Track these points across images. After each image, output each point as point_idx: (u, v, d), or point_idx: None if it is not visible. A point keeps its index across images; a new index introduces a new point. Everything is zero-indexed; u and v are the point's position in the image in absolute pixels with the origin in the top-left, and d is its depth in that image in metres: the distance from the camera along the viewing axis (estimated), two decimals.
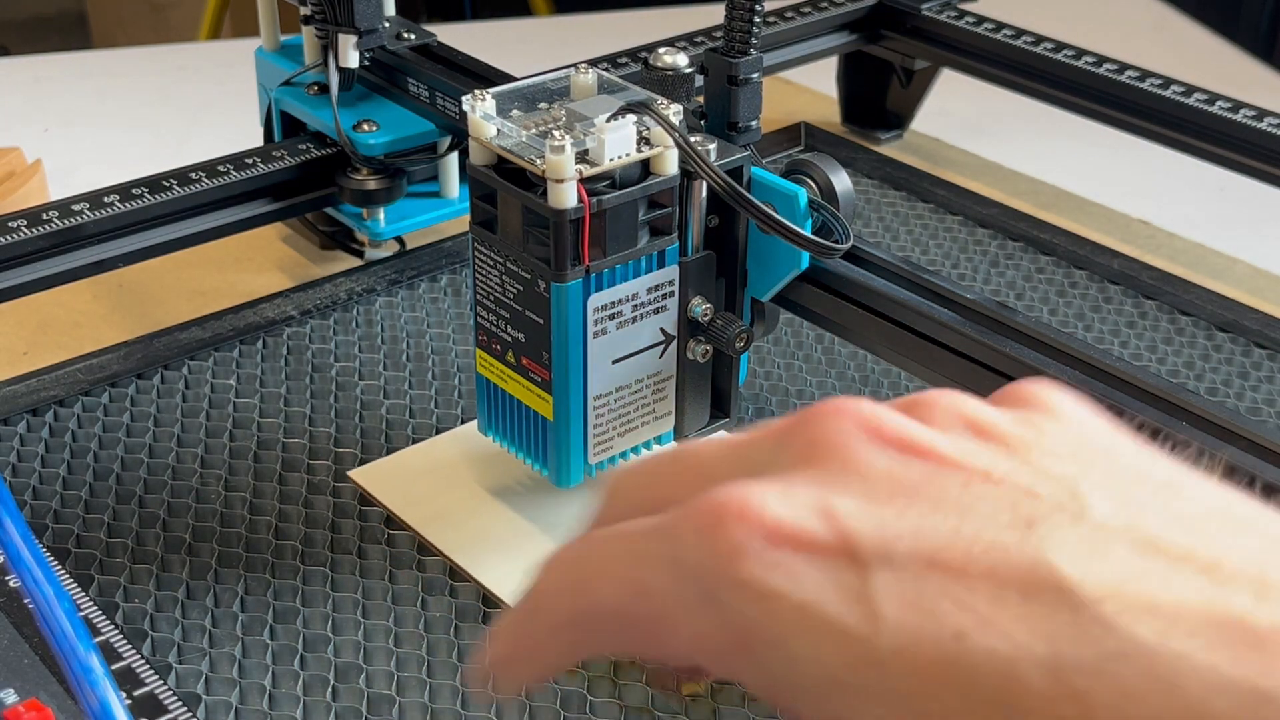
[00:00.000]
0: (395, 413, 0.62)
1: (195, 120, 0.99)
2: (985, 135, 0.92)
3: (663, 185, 0.50)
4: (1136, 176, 0.88)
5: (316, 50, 0.72)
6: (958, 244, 0.77)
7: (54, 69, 1.10)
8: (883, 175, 0.83)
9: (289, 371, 0.65)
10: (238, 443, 0.60)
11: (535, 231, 0.49)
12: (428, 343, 0.67)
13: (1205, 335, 0.69)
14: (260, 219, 0.69)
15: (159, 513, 0.56)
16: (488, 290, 0.52)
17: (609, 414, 0.52)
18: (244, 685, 0.49)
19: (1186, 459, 0.29)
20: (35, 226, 0.62)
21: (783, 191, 0.52)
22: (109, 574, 0.53)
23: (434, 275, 0.72)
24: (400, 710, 0.48)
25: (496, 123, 0.49)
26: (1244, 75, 1.10)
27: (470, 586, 0.52)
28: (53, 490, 0.57)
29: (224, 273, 0.74)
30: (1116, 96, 0.75)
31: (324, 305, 0.69)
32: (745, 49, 0.53)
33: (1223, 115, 0.71)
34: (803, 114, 0.90)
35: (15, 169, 0.79)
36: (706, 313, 0.53)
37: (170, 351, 0.65)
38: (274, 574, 0.53)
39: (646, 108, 0.49)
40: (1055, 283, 0.73)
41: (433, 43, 0.71)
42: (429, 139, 0.71)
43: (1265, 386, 0.65)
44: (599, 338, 0.50)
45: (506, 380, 0.53)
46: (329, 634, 0.51)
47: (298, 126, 0.73)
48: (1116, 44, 0.83)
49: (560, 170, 0.47)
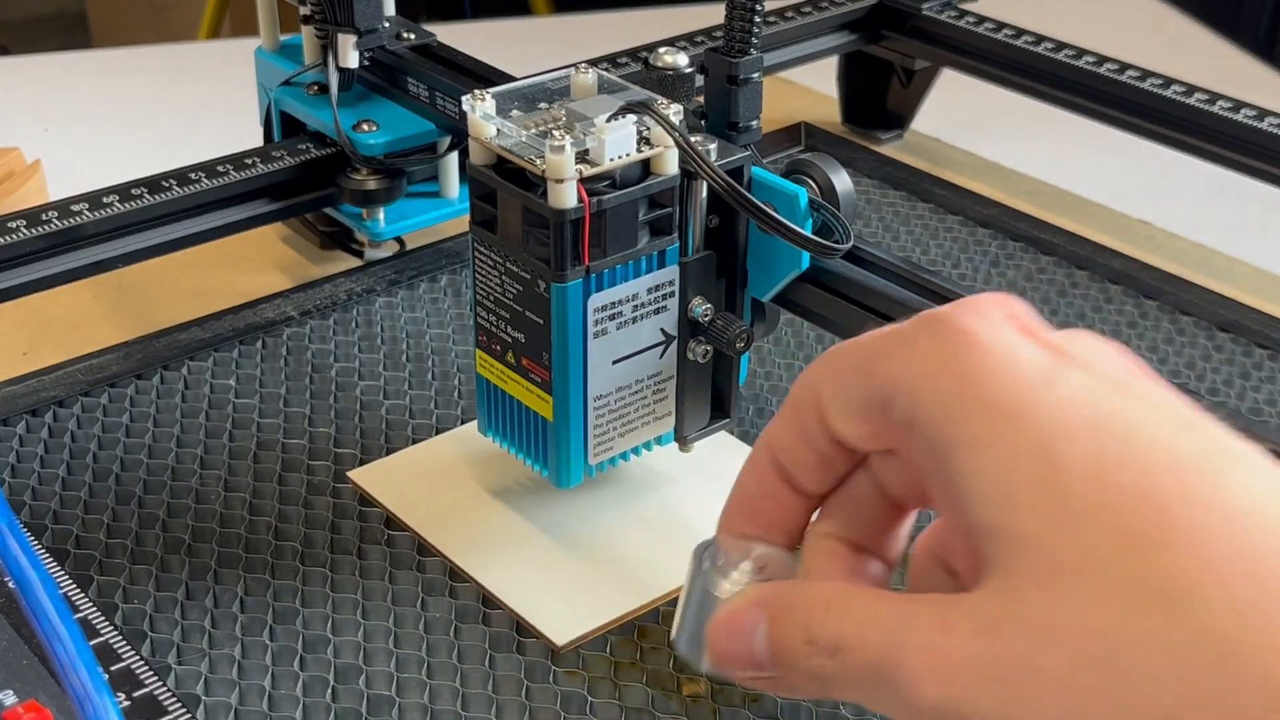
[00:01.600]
0: (395, 413, 0.62)
1: (195, 120, 0.99)
2: (985, 135, 0.92)
3: (663, 185, 0.50)
4: (1137, 176, 0.88)
5: (316, 50, 0.72)
6: (958, 244, 0.77)
7: (54, 69, 1.10)
8: (883, 175, 0.83)
9: (288, 372, 0.64)
10: (237, 443, 0.60)
11: (535, 231, 0.49)
12: (428, 343, 0.66)
13: (1206, 335, 0.69)
14: (260, 219, 0.69)
15: (158, 513, 0.56)
16: (488, 290, 0.52)
17: (609, 414, 0.52)
18: (243, 686, 0.49)
19: None
20: (35, 227, 0.62)
21: (783, 191, 0.52)
22: (108, 575, 0.53)
23: (434, 275, 0.71)
24: (400, 711, 0.48)
25: (496, 123, 0.49)
26: (1245, 75, 1.10)
27: (470, 587, 0.52)
28: (52, 491, 0.57)
29: (224, 273, 0.74)
30: (1117, 96, 0.75)
31: (324, 305, 0.69)
32: (745, 49, 0.53)
33: (1223, 115, 0.71)
34: (803, 114, 0.90)
35: (15, 169, 0.79)
36: (707, 313, 0.53)
37: (170, 352, 0.65)
38: (274, 575, 0.53)
39: (647, 108, 0.49)
40: (1056, 283, 0.73)
41: (432, 42, 0.71)
42: (429, 139, 0.71)
43: (1266, 387, 0.65)
44: (599, 338, 0.50)
45: (506, 381, 0.53)
46: (329, 635, 0.50)
47: (297, 126, 0.73)
48: (1117, 44, 0.83)
49: (560, 170, 0.47)
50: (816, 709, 0.48)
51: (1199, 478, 0.32)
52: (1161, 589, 0.31)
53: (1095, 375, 0.34)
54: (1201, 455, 0.32)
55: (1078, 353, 0.35)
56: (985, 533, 0.34)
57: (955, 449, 0.34)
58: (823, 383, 0.38)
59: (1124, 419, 0.33)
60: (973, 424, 0.34)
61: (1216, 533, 0.31)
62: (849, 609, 0.36)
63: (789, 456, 0.39)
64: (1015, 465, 0.33)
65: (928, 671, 0.33)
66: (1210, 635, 0.30)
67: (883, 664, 0.35)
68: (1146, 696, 0.30)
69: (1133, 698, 0.31)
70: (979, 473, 0.34)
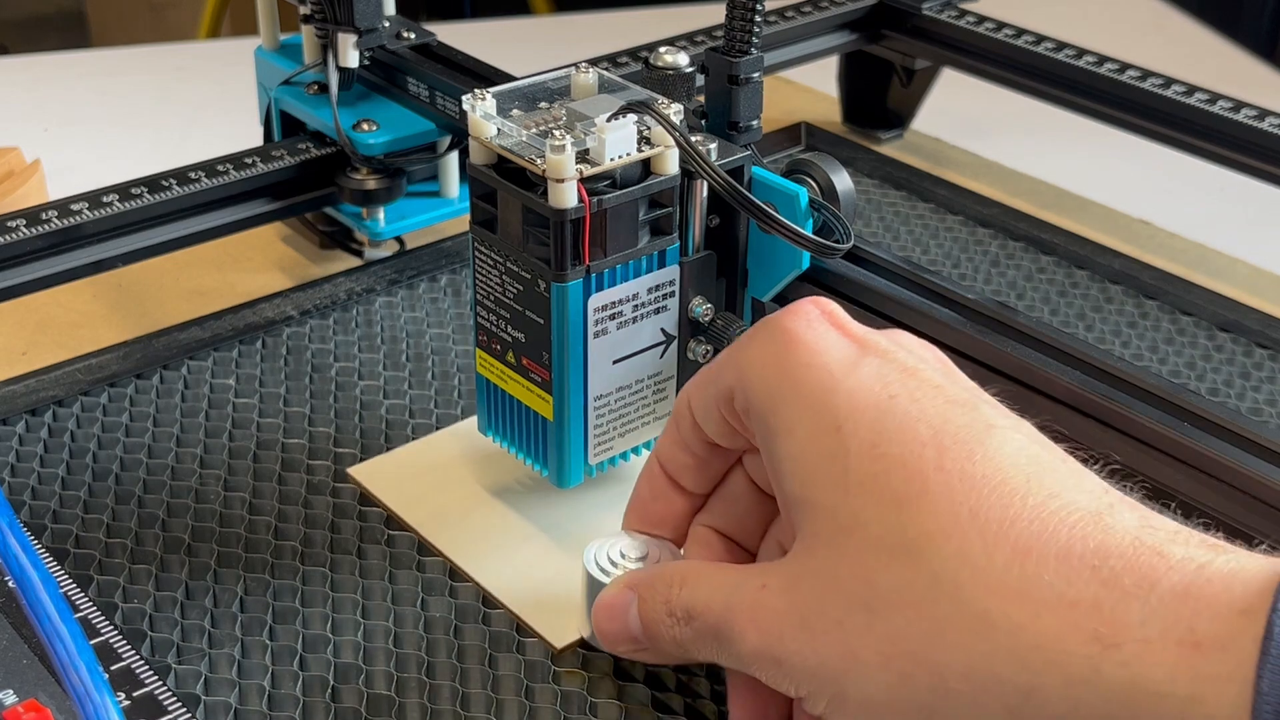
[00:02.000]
0: (395, 413, 0.62)
1: (195, 120, 0.99)
2: (986, 135, 0.92)
3: (663, 185, 0.50)
4: (1137, 176, 0.88)
5: (316, 49, 0.72)
6: (958, 244, 0.77)
7: (53, 68, 1.10)
8: (883, 175, 0.83)
9: (288, 371, 0.64)
10: (237, 443, 0.60)
11: (535, 231, 0.49)
12: (428, 343, 0.66)
13: (1206, 335, 0.69)
14: (259, 219, 0.69)
15: (158, 513, 0.56)
16: (488, 290, 0.52)
17: (609, 414, 0.52)
18: (243, 686, 0.49)
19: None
20: (34, 226, 0.62)
21: (784, 191, 0.52)
22: (108, 574, 0.53)
23: (434, 275, 0.71)
24: (400, 710, 0.48)
25: (497, 122, 0.49)
26: (1245, 75, 1.10)
27: (470, 586, 0.52)
28: (52, 490, 0.57)
29: (223, 272, 0.74)
30: (1117, 96, 0.75)
31: (323, 305, 0.69)
32: (746, 48, 0.53)
33: (1224, 115, 0.71)
34: (803, 114, 0.90)
35: (14, 169, 0.79)
36: (707, 313, 0.53)
37: (169, 351, 0.65)
38: (273, 574, 0.53)
39: (647, 107, 0.49)
40: (1056, 283, 0.73)
41: (432, 42, 0.71)
42: (429, 138, 0.71)
43: (1266, 387, 0.65)
44: (599, 338, 0.50)
45: (506, 380, 0.53)
46: (329, 634, 0.50)
47: (297, 126, 0.73)
48: (1117, 43, 0.83)
49: (560, 170, 0.47)
50: None
51: (954, 448, 0.37)
52: (909, 543, 0.37)
53: (889, 363, 0.40)
54: (963, 429, 0.38)
55: (878, 343, 0.41)
56: (793, 504, 0.40)
57: (775, 435, 0.41)
58: (691, 392, 0.45)
59: (904, 400, 0.39)
60: (787, 410, 0.40)
61: (957, 494, 0.37)
62: (698, 582, 0.43)
63: (672, 462, 0.47)
64: (814, 444, 0.40)
65: (750, 624, 0.40)
66: (942, 580, 0.36)
67: (720, 623, 0.41)
68: (898, 632, 0.37)
69: (888, 634, 0.37)
70: (788, 454, 0.40)
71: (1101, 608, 0.34)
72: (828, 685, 0.39)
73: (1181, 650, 0.33)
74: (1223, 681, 0.33)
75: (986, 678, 0.35)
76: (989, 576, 0.35)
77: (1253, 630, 0.33)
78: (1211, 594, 0.34)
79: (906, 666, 0.37)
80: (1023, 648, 0.35)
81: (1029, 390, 0.50)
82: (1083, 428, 0.49)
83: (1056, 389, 0.50)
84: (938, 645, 0.36)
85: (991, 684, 0.35)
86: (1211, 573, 0.34)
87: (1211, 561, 0.35)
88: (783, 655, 0.39)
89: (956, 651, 0.36)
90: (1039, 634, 0.35)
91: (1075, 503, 0.37)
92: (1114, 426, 0.49)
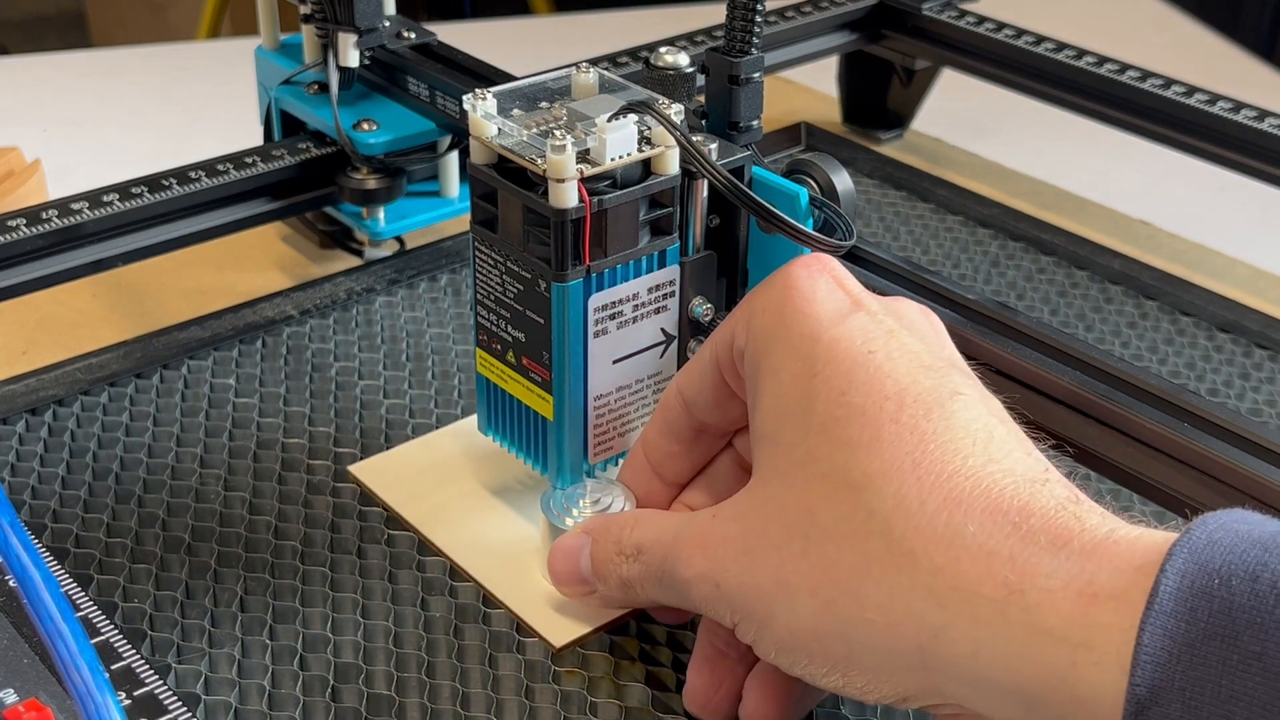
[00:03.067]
0: (395, 412, 0.62)
1: (195, 119, 0.99)
2: (986, 135, 0.92)
3: (664, 185, 0.50)
4: (1137, 176, 0.88)
5: (316, 49, 0.72)
6: (958, 244, 0.77)
7: (53, 68, 1.10)
8: (883, 175, 0.83)
9: (288, 371, 0.64)
10: (237, 442, 0.60)
11: (536, 231, 0.49)
12: (428, 342, 0.66)
13: (1206, 336, 0.69)
14: (260, 218, 0.69)
15: (158, 512, 0.56)
16: (488, 290, 0.52)
17: (609, 414, 0.52)
18: (243, 685, 0.49)
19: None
20: (34, 225, 0.62)
21: (784, 191, 0.52)
22: (108, 574, 0.53)
23: (434, 275, 0.71)
24: (400, 710, 0.48)
25: (497, 122, 0.49)
26: (1245, 75, 1.10)
27: (470, 586, 0.52)
28: (52, 490, 0.57)
29: (223, 272, 0.74)
30: (1117, 96, 0.75)
31: (323, 305, 0.69)
32: (746, 48, 0.53)
33: (1224, 115, 0.71)
34: (803, 114, 0.90)
35: (14, 168, 0.79)
36: (707, 313, 0.53)
37: (169, 351, 0.65)
38: (273, 574, 0.53)
39: (648, 107, 0.49)
40: (1056, 283, 0.73)
41: (433, 42, 0.71)
42: (429, 138, 0.71)
43: (1266, 387, 0.65)
44: (599, 337, 0.50)
45: (506, 380, 0.53)
46: (329, 634, 0.50)
47: (297, 125, 0.73)
48: (1117, 44, 0.83)
49: (561, 170, 0.47)
50: (817, 709, 0.48)
51: (914, 405, 0.40)
52: (853, 481, 0.39)
53: (875, 322, 0.43)
54: (926, 391, 0.40)
55: (869, 304, 0.44)
56: (760, 440, 0.43)
57: (763, 376, 0.43)
58: (679, 377, 0.48)
59: (880, 356, 0.41)
60: (777, 352, 0.43)
61: (905, 444, 0.39)
62: (651, 522, 0.46)
63: (656, 451, 0.49)
64: (792, 386, 0.42)
65: (697, 550, 0.43)
66: (876, 517, 0.39)
67: (668, 553, 0.44)
68: (829, 561, 0.39)
69: (820, 562, 0.39)
70: (769, 392, 0.43)
71: (1015, 559, 0.37)
72: (759, 608, 0.41)
73: (1080, 600, 0.35)
74: (1112, 631, 0.35)
75: (903, 612, 0.38)
76: (919, 520, 0.38)
77: (1144, 585, 0.35)
78: (1116, 552, 0.36)
79: (831, 594, 0.39)
80: (941, 587, 0.37)
81: (1029, 390, 0.50)
82: (1083, 428, 0.49)
83: (1056, 389, 0.50)
84: (863, 577, 0.39)
85: (906, 618, 0.38)
86: (1119, 536, 0.37)
87: (1122, 528, 0.37)
88: (722, 578, 0.42)
89: (880, 585, 0.38)
90: (956, 576, 0.37)
91: (1013, 470, 0.39)
92: (1114, 427, 0.49)
